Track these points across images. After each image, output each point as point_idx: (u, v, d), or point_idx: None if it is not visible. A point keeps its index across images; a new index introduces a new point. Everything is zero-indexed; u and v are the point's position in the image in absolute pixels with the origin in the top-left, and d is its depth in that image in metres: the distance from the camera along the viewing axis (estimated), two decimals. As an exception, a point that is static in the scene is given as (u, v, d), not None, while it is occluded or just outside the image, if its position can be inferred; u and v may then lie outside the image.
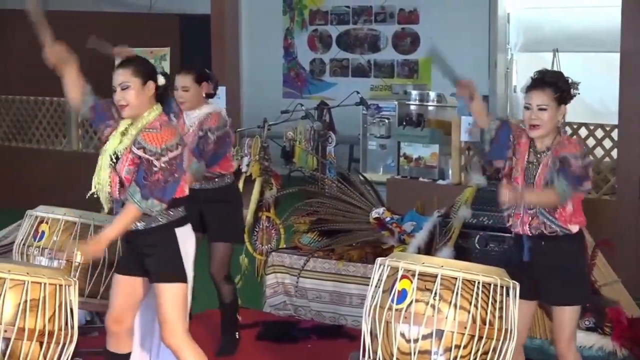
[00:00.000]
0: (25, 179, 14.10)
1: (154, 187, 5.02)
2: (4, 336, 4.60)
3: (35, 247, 6.32)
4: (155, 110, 5.23)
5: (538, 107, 5.25)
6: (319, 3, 17.61)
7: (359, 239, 8.03)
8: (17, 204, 9.21)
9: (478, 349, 4.73)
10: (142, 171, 5.07)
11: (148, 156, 5.04)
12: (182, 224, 5.25)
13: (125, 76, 5.23)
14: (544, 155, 5.29)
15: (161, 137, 5.08)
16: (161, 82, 5.29)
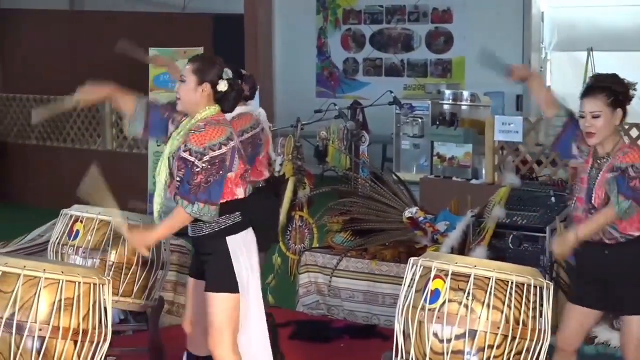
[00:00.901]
0: (60, 178, 14.18)
1: (198, 190, 4.96)
2: (39, 335, 4.62)
3: (70, 246, 6.35)
4: (208, 110, 5.15)
5: (591, 115, 5.15)
6: (353, 3, 17.62)
7: (392, 239, 8.03)
8: (52, 203, 9.28)
9: (511, 350, 4.72)
10: (187, 174, 5.03)
11: (192, 157, 5.00)
12: (235, 232, 5.15)
13: (186, 71, 5.21)
14: (604, 162, 5.18)
15: (204, 136, 5.03)
16: (222, 88, 5.16)
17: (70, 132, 15.17)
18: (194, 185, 4.97)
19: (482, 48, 7.09)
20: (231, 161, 5.04)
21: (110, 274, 6.05)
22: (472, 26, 16.22)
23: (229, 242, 5.10)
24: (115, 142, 14.41)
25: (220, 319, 5.12)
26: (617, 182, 5.05)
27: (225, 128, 5.11)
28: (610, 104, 5.18)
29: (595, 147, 5.24)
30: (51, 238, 6.63)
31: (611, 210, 5.05)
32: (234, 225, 5.11)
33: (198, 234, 5.14)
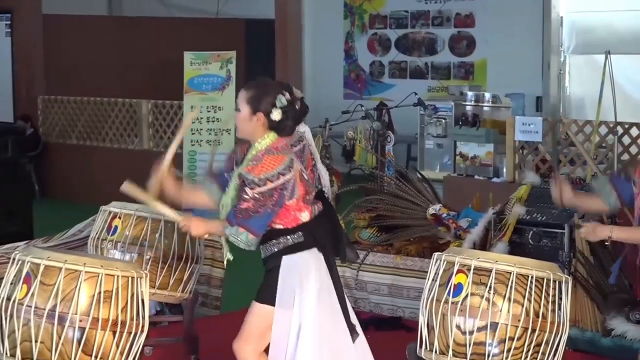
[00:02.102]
0: (99, 176, 14.26)
1: (240, 216, 4.83)
2: (79, 325, 4.64)
3: (109, 241, 6.38)
4: (267, 138, 4.97)
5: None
6: (379, 8, 17.61)
7: (416, 234, 8.03)
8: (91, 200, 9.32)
9: (531, 341, 4.72)
10: (237, 200, 4.91)
11: (245, 186, 4.85)
12: (293, 251, 4.98)
13: (240, 98, 5.04)
14: None
15: (262, 167, 4.84)
16: (275, 117, 4.94)
17: (109, 132, 15.24)
18: (239, 209, 4.85)
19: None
20: (291, 189, 4.87)
21: (147, 268, 6.06)
22: (494, 30, 16.19)
23: (284, 259, 4.96)
24: (151, 141, 14.47)
25: (251, 326, 5.05)
26: None
27: (283, 156, 4.89)
28: None
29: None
30: (91, 233, 6.66)
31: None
32: (294, 245, 4.97)
33: (267, 254, 5.03)
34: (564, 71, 15.72)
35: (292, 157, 4.94)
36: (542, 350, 4.75)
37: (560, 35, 15.66)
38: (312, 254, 4.99)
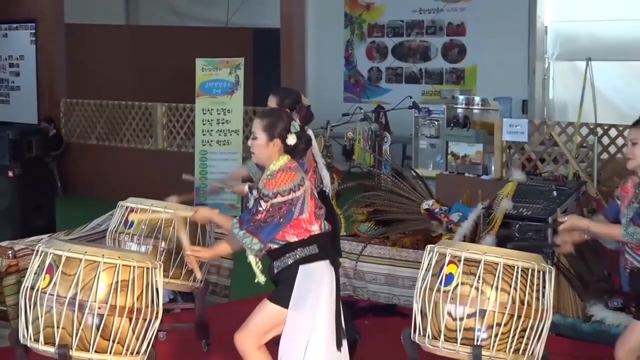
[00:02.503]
0: (117, 173, 14.28)
1: (252, 224, 4.82)
2: (98, 312, 4.65)
3: (126, 234, 6.38)
4: (280, 161, 4.96)
5: (631, 142, 5.08)
6: (377, 17, 17.60)
7: (410, 228, 8.03)
8: (110, 196, 9.31)
9: (517, 327, 4.72)
10: (253, 208, 4.90)
11: (260, 197, 4.86)
12: (309, 261, 4.95)
13: (256, 127, 5.01)
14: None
15: (275, 182, 4.84)
16: (290, 141, 4.96)
17: (126, 133, 15.24)
18: (252, 218, 4.83)
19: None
20: (301, 206, 4.86)
21: (161, 259, 6.08)
22: (483, 38, 16.18)
23: (301, 268, 4.93)
24: (165, 141, 14.47)
25: (256, 319, 5.02)
26: (634, 211, 4.96)
27: (296, 174, 4.91)
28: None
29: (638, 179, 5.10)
30: (109, 227, 6.67)
31: (619, 229, 4.98)
32: (310, 256, 4.94)
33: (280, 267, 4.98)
34: (548, 76, 15.71)
35: (303, 176, 4.95)
36: (527, 335, 4.75)
37: (545, 43, 15.65)
38: (326, 265, 4.98)
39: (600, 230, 5.13)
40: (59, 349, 4.65)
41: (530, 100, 15.60)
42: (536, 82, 15.62)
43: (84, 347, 4.67)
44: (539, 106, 15.67)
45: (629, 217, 4.97)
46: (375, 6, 17.62)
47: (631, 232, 4.93)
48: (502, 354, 4.74)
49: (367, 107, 12.46)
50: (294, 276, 4.93)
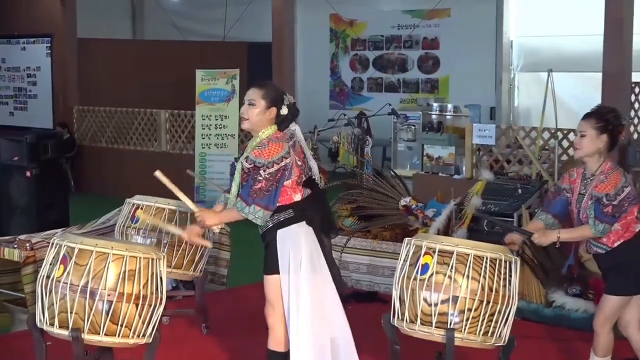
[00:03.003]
0: (124, 173, 14.26)
1: (256, 196, 4.78)
2: (107, 299, 4.63)
3: (132, 228, 6.37)
4: (270, 130, 4.97)
5: (580, 134, 5.10)
6: (359, 33, 17.62)
7: (390, 223, 8.03)
8: (118, 194, 9.29)
9: (486, 312, 4.72)
10: (249, 181, 4.84)
11: (257, 166, 4.81)
12: (286, 225, 4.94)
13: (255, 95, 4.99)
14: (590, 181, 5.08)
15: (268, 151, 4.83)
16: (284, 112, 4.99)
17: (133, 137, 15.23)
18: (254, 190, 4.80)
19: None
20: (290, 171, 4.87)
21: (165, 250, 6.06)
22: (455, 51, 16.21)
23: (279, 233, 4.93)
24: (168, 144, 14.49)
25: (270, 295, 5.00)
26: (594, 208, 5.00)
27: (284, 144, 4.90)
28: (597, 128, 5.08)
29: (583, 169, 5.15)
30: (117, 222, 6.65)
31: (588, 229, 5.03)
32: (285, 219, 4.93)
33: (263, 229, 4.98)
34: (513, 86, 15.74)
35: (289, 145, 4.95)
36: (495, 319, 4.75)
37: (510, 56, 15.69)
38: (301, 226, 4.96)
39: (571, 235, 5.17)
40: (72, 332, 4.64)
41: (497, 107, 15.64)
42: (503, 91, 15.66)
43: (95, 330, 4.66)
44: (505, 113, 15.71)
45: (592, 216, 5.00)
46: (358, 22, 17.63)
47: (601, 230, 4.99)
48: (473, 336, 4.74)
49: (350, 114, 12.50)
50: (275, 242, 4.93)
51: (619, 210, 4.99)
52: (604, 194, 4.98)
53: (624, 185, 5.01)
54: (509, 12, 15.56)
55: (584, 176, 5.14)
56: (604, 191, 4.99)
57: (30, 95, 17.44)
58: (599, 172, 5.07)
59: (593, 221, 4.99)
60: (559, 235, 5.12)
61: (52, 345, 4.91)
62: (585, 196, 5.08)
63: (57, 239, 4.83)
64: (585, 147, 5.08)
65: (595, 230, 5.00)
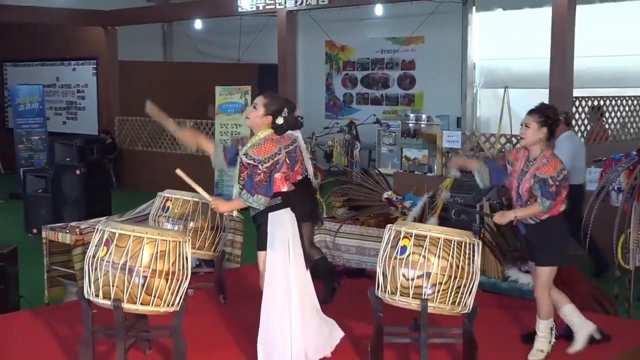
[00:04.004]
0: (156, 172, 14.24)
1: (258, 187, 4.84)
2: (142, 275, 4.63)
3: (163, 216, 6.35)
4: (266, 132, 5.00)
5: (525, 125, 5.14)
6: (350, 56, 17.63)
7: (375, 212, 8.01)
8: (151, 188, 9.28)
9: (454, 285, 4.72)
10: (250, 175, 4.89)
11: (255, 163, 4.86)
12: (274, 210, 4.99)
13: (259, 101, 5.04)
14: (533, 164, 5.10)
15: (264, 149, 4.88)
16: (279, 122, 5.02)
17: (163, 142, 15.23)
18: (255, 182, 4.84)
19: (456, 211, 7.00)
20: (280, 165, 4.91)
21: (190, 235, 6.05)
22: (428, 71, 16.22)
23: (270, 216, 4.97)
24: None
25: (262, 267, 5.04)
26: (540, 188, 5.01)
27: (277, 144, 4.94)
28: (539, 122, 5.11)
29: (528, 153, 5.17)
30: (151, 211, 6.64)
31: (537, 206, 5.03)
32: (275, 205, 4.97)
33: (255, 212, 5.01)
34: (476, 100, 15.76)
35: (281, 146, 5.00)
36: (461, 291, 4.75)
37: (473, 75, 15.70)
38: (287, 212, 5.00)
39: (524, 214, 5.13)
40: (114, 302, 4.64)
41: (462, 117, 15.65)
42: (467, 104, 15.68)
43: (132, 300, 4.65)
44: (469, 122, 15.72)
45: (540, 195, 5.02)
46: (349, 48, 17.64)
47: (547, 206, 5.01)
48: (443, 305, 4.74)
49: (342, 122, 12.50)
50: (266, 223, 4.97)
51: (560, 190, 5.02)
52: (549, 175, 4.99)
53: (562, 169, 5.05)
54: (472, 39, 15.57)
55: (528, 158, 5.17)
56: (548, 173, 5.00)
57: (79, 107, 17.45)
58: (540, 157, 5.10)
59: (541, 199, 5.00)
60: (516, 215, 5.12)
61: (97, 313, 4.90)
62: (527, 174, 5.10)
63: (101, 225, 4.83)
64: (529, 137, 5.13)
65: (543, 206, 5.00)
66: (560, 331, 5.51)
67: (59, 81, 17.71)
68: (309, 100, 17.51)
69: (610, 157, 6.57)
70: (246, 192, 4.89)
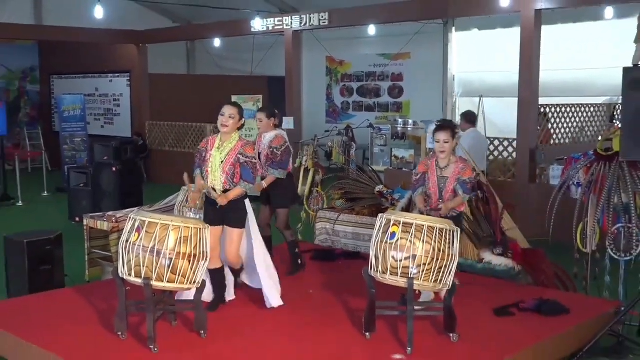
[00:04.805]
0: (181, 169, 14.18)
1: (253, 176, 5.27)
2: (168, 257, 4.63)
3: (186, 207, 6.35)
4: (237, 134, 5.38)
5: (444, 141, 5.40)
6: (346, 69, 17.59)
7: (368, 203, 8.02)
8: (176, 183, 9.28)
9: (436, 266, 4.71)
10: (248, 169, 5.23)
11: (254, 161, 5.25)
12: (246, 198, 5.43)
13: (233, 111, 5.35)
14: (446, 169, 5.41)
15: (252, 149, 5.34)
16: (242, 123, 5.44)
17: (187, 143, 15.23)
18: (254, 173, 5.25)
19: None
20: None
21: (209, 223, 6.04)
22: (414, 83, 16.19)
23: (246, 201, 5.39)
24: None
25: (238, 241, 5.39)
26: (461, 187, 5.41)
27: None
28: (452, 136, 5.42)
29: (435, 161, 5.48)
30: (176, 202, 6.64)
31: (461, 199, 5.42)
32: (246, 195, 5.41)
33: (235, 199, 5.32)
34: (455, 107, 15.71)
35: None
36: (442, 271, 4.74)
37: (453, 86, 15.66)
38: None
39: (453, 205, 5.43)
40: (144, 280, 4.64)
41: (443, 122, 15.60)
42: (448, 111, 15.63)
43: (160, 279, 4.65)
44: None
45: (462, 191, 5.40)
46: (346, 62, 17.61)
47: (467, 198, 5.50)
48: (426, 283, 4.73)
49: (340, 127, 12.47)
50: (244, 207, 5.35)
51: (474, 187, 5.53)
52: (468, 178, 5.42)
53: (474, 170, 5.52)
54: (452, 55, 15.52)
55: (438, 165, 5.47)
56: (467, 176, 5.42)
57: (115, 113, 17.44)
58: (453, 163, 5.41)
59: (464, 195, 5.42)
60: (447, 207, 5.40)
61: (130, 289, 4.90)
62: (448, 179, 5.43)
63: (134, 214, 4.83)
64: (449, 149, 5.42)
65: (465, 199, 5.44)
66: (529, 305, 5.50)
67: (98, 91, 17.70)
68: (312, 107, 17.49)
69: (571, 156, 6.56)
70: (248, 183, 5.25)
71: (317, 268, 7.06)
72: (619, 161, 5.85)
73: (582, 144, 11.08)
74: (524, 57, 9.96)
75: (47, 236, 6.49)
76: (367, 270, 4.93)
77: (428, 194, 5.47)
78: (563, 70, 13.32)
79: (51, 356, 4.69)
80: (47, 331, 5.07)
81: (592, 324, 5.38)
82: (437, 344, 4.85)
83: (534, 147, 9.93)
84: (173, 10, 17.79)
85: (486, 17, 13.68)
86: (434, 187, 5.38)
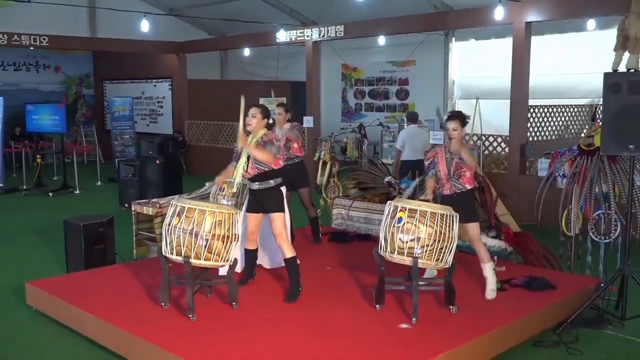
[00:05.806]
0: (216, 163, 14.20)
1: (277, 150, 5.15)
2: (205, 238, 4.65)
3: (220, 195, 6.35)
4: (263, 130, 5.24)
5: (453, 129, 5.20)
6: (359, 75, 17.51)
7: (378, 192, 7.99)
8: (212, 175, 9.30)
9: (438, 247, 4.69)
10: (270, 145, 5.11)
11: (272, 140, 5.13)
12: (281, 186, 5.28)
13: (255, 111, 5.26)
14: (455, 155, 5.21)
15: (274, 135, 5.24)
16: (270, 122, 5.30)
17: (221, 139, 15.26)
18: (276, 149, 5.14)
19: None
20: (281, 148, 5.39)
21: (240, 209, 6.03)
22: (418, 86, 16.09)
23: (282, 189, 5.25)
24: (243, 144, 14.48)
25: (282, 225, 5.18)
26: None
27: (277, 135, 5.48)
28: (461, 124, 5.24)
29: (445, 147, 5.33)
30: (211, 191, 6.64)
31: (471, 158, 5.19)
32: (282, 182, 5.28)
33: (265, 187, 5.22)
34: (455, 108, 15.59)
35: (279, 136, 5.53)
36: (443, 252, 4.72)
37: (453, 89, 15.55)
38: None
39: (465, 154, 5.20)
40: (184, 258, 4.66)
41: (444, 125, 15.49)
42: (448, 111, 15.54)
43: (197, 257, 4.67)
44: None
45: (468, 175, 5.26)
46: (359, 69, 17.52)
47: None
48: (429, 262, 4.72)
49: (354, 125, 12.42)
50: (280, 193, 5.19)
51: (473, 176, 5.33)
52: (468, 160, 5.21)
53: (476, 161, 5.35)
54: (452, 62, 15.40)
55: (449, 150, 5.26)
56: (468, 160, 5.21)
57: (158, 114, 17.50)
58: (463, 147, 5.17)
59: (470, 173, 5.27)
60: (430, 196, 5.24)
61: (172, 266, 4.93)
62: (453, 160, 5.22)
63: (175, 201, 4.84)
64: (457, 136, 5.22)
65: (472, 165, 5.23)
66: (519, 281, 5.46)
67: (144, 94, 17.78)
68: (329, 108, 17.45)
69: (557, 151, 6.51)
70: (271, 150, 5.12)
71: (334, 248, 7.05)
72: (600, 155, 5.79)
73: (566, 140, 10.97)
74: (516, 64, 9.87)
75: (100, 219, 6.54)
76: (377, 250, 4.92)
77: (438, 176, 5.38)
78: (550, 75, 13.18)
79: (104, 323, 4.74)
80: (100, 302, 5.12)
81: (575, 298, 5.34)
82: (439, 314, 4.84)
83: (524, 143, 9.85)
84: (209, 24, 17.80)
85: (482, 29, 13.56)
86: (443, 169, 5.27)
